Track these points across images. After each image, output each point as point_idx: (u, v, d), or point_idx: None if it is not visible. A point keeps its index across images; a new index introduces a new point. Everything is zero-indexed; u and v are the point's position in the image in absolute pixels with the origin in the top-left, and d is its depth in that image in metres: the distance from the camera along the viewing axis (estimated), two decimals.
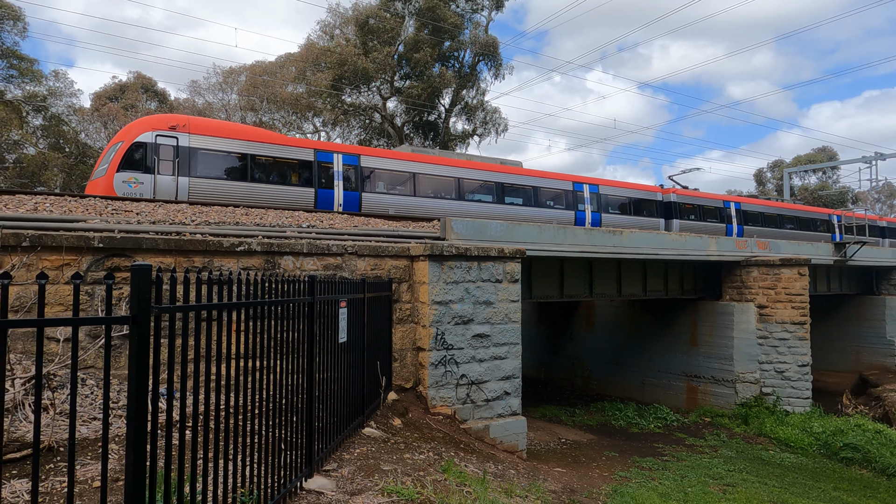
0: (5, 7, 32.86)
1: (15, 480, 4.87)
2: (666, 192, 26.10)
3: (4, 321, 2.62)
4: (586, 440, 15.53)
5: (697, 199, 26.61)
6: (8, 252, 7.30)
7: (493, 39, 37.05)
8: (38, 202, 9.57)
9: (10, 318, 2.63)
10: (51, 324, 2.79)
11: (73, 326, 2.82)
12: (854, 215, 29.62)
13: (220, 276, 3.90)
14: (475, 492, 6.36)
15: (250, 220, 10.92)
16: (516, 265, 11.50)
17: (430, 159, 19.62)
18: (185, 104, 46.58)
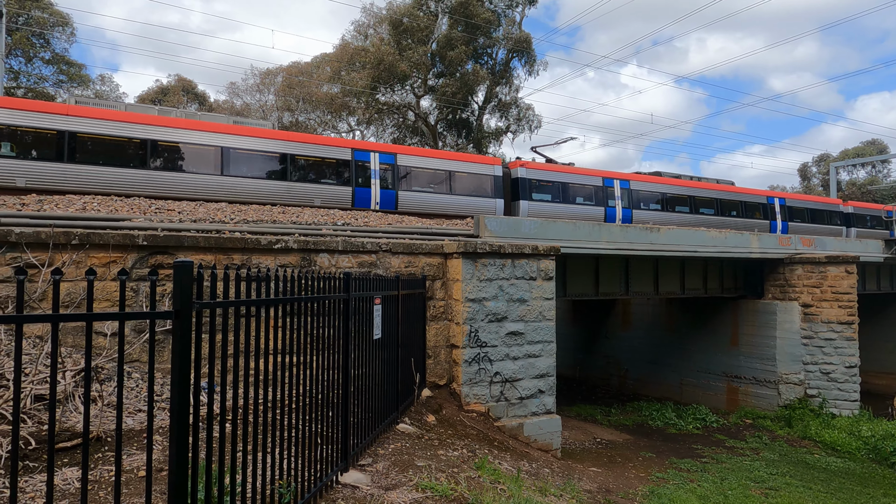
0: (55, 14, 34.18)
1: (66, 468, 5.08)
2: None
3: (56, 315, 2.74)
4: (622, 440, 15.31)
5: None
6: (59, 250, 7.61)
7: (527, 35, 36.77)
8: (86, 202, 9.94)
9: (61, 313, 2.74)
10: (98, 318, 2.89)
11: (120, 321, 2.92)
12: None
13: (259, 273, 3.98)
14: (509, 489, 6.34)
15: (287, 218, 11.11)
16: (551, 262, 11.41)
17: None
18: (223, 105, 47.69)
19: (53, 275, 2.76)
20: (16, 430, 2.68)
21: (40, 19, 34.29)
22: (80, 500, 2.81)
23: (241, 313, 3.78)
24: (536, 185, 20.27)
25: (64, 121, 12.65)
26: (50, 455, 2.69)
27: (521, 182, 19.86)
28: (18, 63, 35.97)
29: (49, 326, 7.25)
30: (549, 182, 20.55)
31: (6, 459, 4.95)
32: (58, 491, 4.74)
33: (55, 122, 12.58)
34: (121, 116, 13.58)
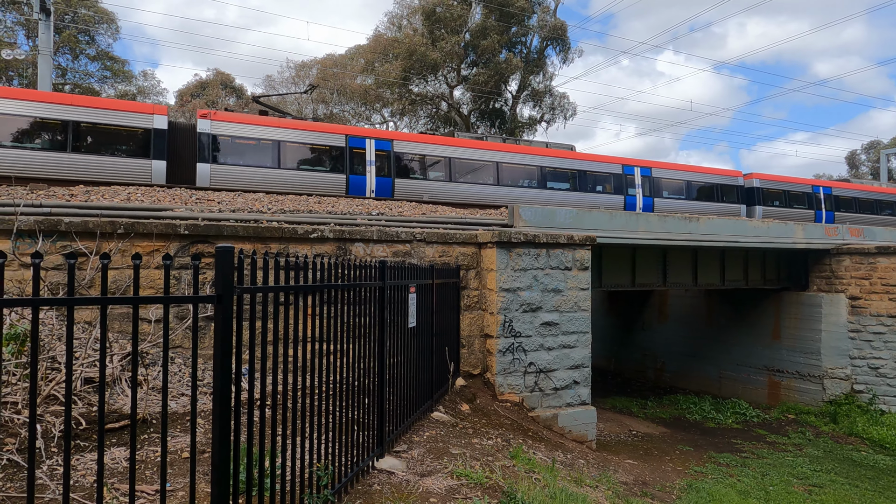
0: (100, 11, 35.18)
1: (114, 448, 5.27)
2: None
3: (105, 298, 2.83)
4: (658, 433, 15.08)
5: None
6: (105, 239, 7.86)
7: (562, 23, 36.20)
8: (130, 192, 10.25)
9: (110, 296, 2.83)
10: (144, 301, 2.97)
11: (165, 304, 3.00)
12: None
13: (297, 260, 4.03)
14: (544, 479, 6.32)
15: (322, 208, 11.24)
16: (586, 252, 11.26)
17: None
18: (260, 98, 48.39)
19: (102, 259, 2.85)
20: (68, 410, 2.78)
21: (86, 17, 35.35)
22: (129, 477, 2.91)
23: (279, 300, 3.83)
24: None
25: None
26: (100, 434, 2.78)
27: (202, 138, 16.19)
28: (66, 60, 37.21)
29: (97, 312, 7.52)
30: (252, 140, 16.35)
31: (59, 438, 5.16)
32: (106, 469, 4.93)
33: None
34: None
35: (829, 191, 26.62)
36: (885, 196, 28.62)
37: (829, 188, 26.81)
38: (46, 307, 6.91)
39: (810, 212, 25.36)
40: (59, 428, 5.25)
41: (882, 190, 29.35)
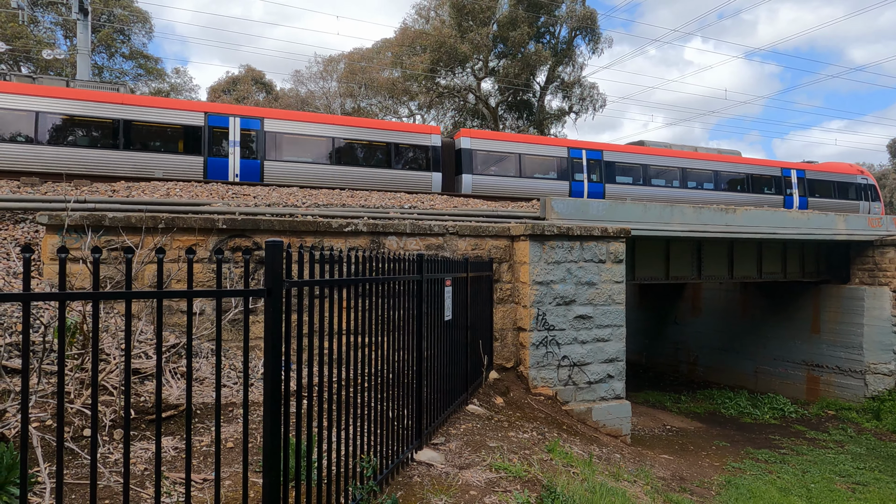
0: (135, 11, 35.92)
1: (163, 437, 5.42)
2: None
3: (160, 291, 2.89)
4: (693, 428, 14.86)
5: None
6: (148, 233, 8.05)
7: (592, 12, 35.63)
8: (169, 187, 10.47)
9: (165, 290, 2.89)
10: (197, 295, 3.03)
11: (217, 297, 3.06)
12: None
13: (341, 254, 4.07)
14: (582, 473, 6.28)
15: (355, 202, 11.31)
16: (621, 245, 11.11)
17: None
18: (289, 94, 48.95)
19: (157, 254, 2.91)
20: (127, 399, 2.86)
21: (122, 16, 36.13)
22: (185, 464, 2.98)
23: (324, 294, 3.87)
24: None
25: None
26: (158, 422, 2.85)
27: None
28: (102, 59, 38.13)
29: (141, 304, 7.72)
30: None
31: (109, 427, 5.32)
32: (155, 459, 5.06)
33: None
34: None
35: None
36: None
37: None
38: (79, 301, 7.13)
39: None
40: (109, 417, 5.40)
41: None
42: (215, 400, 3.08)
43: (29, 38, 32.08)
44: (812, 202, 24.45)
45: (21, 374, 2.65)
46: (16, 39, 30.77)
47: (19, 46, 31.42)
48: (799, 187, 24.36)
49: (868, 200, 26.07)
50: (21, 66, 34.56)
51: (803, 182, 24.53)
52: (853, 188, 25.75)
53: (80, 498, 4.30)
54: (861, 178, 26.24)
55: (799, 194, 24.38)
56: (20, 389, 5.35)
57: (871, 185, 26.40)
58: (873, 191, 26.43)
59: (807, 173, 24.86)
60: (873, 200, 26.33)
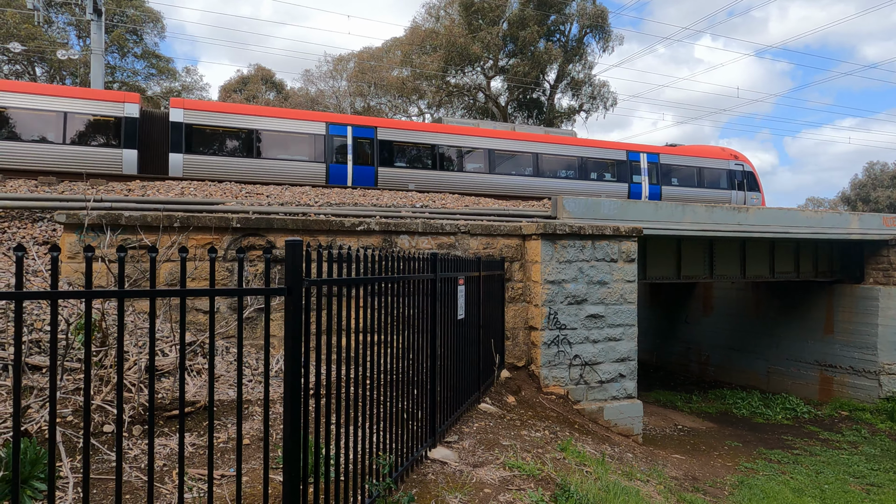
0: (147, 11, 36.18)
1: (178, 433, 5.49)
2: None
3: (184, 290, 2.93)
4: (705, 428, 14.80)
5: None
6: (163, 232, 8.13)
7: (602, 9, 35.49)
8: (183, 186, 10.56)
9: (189, 288, 2.94)
10: (220, 293, 3.07)
11: (239, 296, 3.10)
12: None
13: (358, 253, 4.10)
14: (595, 472, 6.29)
15: (367, 201, 11.36)
16: (632, 244, 11.08)
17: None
18: (299, 93, 49.14)
19: (181, 253, 2.95)
20: (152, 396, 2.91)
21: (134, 17, 36.41)
22: (208, 458, 3.02)
23: (342, 292, 3.91)
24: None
25: None
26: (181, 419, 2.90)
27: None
28: (114, 59, 38.44)
29: (158, 303, 7.80)
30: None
31: (128, 423, 5.39)
32: (174, 455, 5.13)
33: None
34: None
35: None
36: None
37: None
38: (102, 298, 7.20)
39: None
40: (128, 413, 5.48)
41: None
42: (237, 397, 3.12)
43: (43, 38, 32.41)
44: (667, 191, 21.76)
45: (49, 371, 2.71)
46: (30, 40, 31.10)
47: (33, 47, 31.76)
48: (650, 173, 21.50)
49: (743, 190, 23.17)
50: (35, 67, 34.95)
51: (656, 167, 21.67)
52: (724, 176, 22.95)
53: (101, 492, 4.37)
54: (735, 165, 23.30)
55: (650, 182, 21.48)
56: (42, 386, 5.44)
57: (748, 173, 23.51)
58: (751, 179, 23.51)
59: (661, 157, 21.83)
60: (750, 190, 23.35)
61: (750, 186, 23.34)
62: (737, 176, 23.15)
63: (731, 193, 22.87)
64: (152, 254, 2.90)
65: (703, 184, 22.48)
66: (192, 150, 15.12)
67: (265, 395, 3.20)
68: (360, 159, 17.06)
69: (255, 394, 6.90)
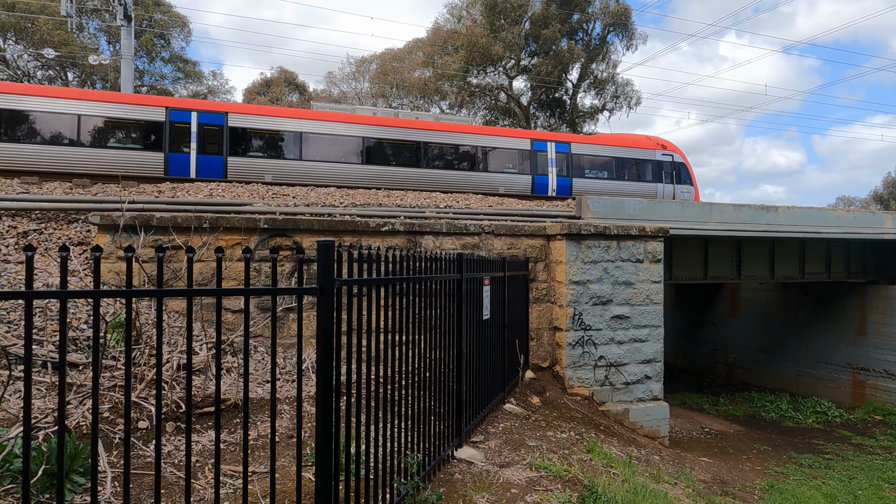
0: (174, 16, 36.86)
1: (210, 431, 5.59)
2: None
3: (219, 290, 2.99)
4: (733, 431, 14.56)
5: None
6: (194, 233, 8.29)
7: (626, 7, 35.14)
8: (212, 188, 10.75)
9: (224, 288, 3.00)
10: (254, 293, 3.13)
11: (273, 295, 3.15)
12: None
13: (387, 253, 4.14)
14: (622, 474, 6.24)
15: (391, 201, 11.42)
16: (658, 244, 10.96)
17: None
18: (322, 94, 49.60)
19: (216, 253, 3.01)
20: (188, 394, 2.97)
21: (161, 21, 37.11)
22: (243, 456, 3.08)
23: (372, 292, 3.95)
24: None
25: None
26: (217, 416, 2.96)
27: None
28: (143, 63, 39.25)
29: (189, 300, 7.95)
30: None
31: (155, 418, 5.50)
32: (204, 451, 5.23)
33: None
34: None
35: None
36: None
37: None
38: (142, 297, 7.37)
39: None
40: (162, 411, 5.59)
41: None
42: (271, 395, 3.17)
43: (75, 44, 33.23)
44: (581, 184, 19.98)
45: (93, 368, 2.79)
46: (62, 46, 31.92)
47: (66, 53, 32.60)
48: (560, 165, 19.63)
49: (672, 183, 21.48)
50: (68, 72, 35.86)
51: (567, 158, 19.86)
52: (650, 167, 21.27)
53: (136, 486, 4.48)
54: (662, 155, 21.52)
55: (559, 174, 19.59)
56: (80, 383, 5.59)
57: (678, 164, 21.73)
58: (682, 171, 21.80)
59: (572, 147, 19.95)
60: (680, 183, 21.66)
61: (681, 178, 21.75)
62: (665, 167, 21.45)
63: (658, 186, 21.26)
64: (189, 254, 2.97)
65: (625, 176, 20.81)
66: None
67: (297, 394, 3.25)
68: (207, 148, 15.32)
69: (283, 392, 7.00)
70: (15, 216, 8.83)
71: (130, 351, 2.94)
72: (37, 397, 5.41)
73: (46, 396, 5.33)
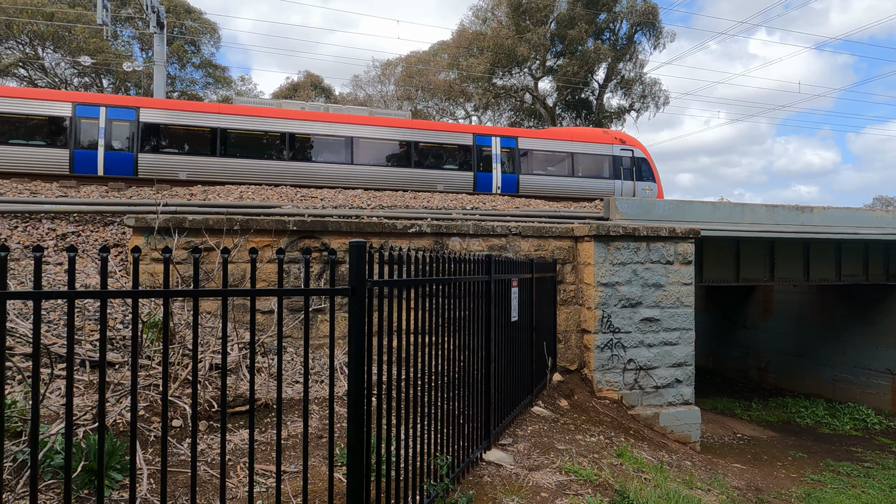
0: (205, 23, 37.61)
1: (242, 430, 5.66)
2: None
3: (253, 290, 3.03)
4: (766, 437, 14.21)
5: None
6: (225, 235, 8.42)
7: (653, 6, 34.67)
8: (242, 191, 10.91)
9: (258, 289, 3.03)
10: (287, 293, 3.16)
11: (305, 296, 3.17)
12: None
13: (417, 255, 4.14)
14: (654, 479, 6.13)
15: (418, 203, 11.44)
16: (689, 246, 10.77)
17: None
18: (347, 98, 50.05)
19: (251, 254, 3.06)
20: (223, 394, 3.01)
21: (192, 28, 37.90)
22: (276, 455, 3.10)
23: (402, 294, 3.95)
24: None
25: None
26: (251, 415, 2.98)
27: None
28: (174, 69, 40.11)
29: (220, 302, 8.07)
30: None
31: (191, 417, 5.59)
32: (236, 450, 5.29)
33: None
34: None
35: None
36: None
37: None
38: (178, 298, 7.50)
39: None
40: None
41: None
42: (303, 396, 3.20)
43: (109, 52, 34.13)
44: (528, 181, 19.03)
45: (131, 367, 2.84)
46: (98, 54, 32.81)
47: (101, 60, 33.50)
48: (505, 160, 18.75)
49: (632, 179, 20.33)
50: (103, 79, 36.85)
51: (512, 153, 18.91)
52: (608, 162, 20.15)
53: (170, 483, 4.55)
54: (621, 150, 20.37)
55: (504, 170, 18.74)
56: (117, 381, 5.71)
57: (639, 160, 20.54)
58: (644, 167, 20.60)
59: (519, 141, 19.07)
60: (641, 179, 20.47)
61: (642, 175, 20.60)
62: (624, 163, 20.31)
63: (616, 183, 20.18)
64: (224, 255, 3.01)
65: (578, 172, 19.71)
66: None
67: (329, 395, 3.26)
68: (116, 145, 14.90)
69: (313, 392, 7.05)
70: (54, 219, 9.09)
71: (168, 351, 2.99)
72: (75, 395, 5.55)
73: (84, 394, 5.46)
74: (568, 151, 19.67)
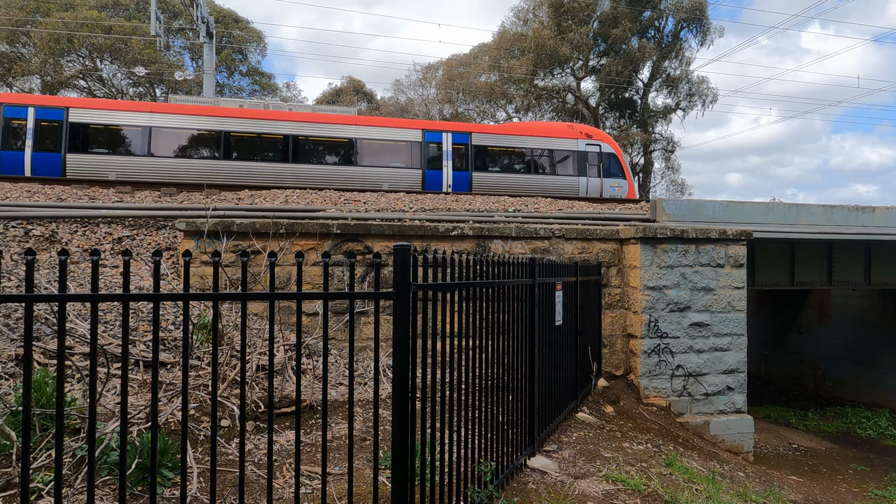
0: (251, 32, 38.66)
1: (288, 431, 5.73)
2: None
3: (300, 293, 3.04)
4: (824, 448, 13.56)
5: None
6: (271, 238, 8.58)
7: (700, 2, 33.75)
8: (287, 195, 11.12)
9: (304, 291, 3.05)
10: (332, 297, 3.17)
11: (350, 299, 3.17)
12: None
13: (462, 258, 4.10)
14: (706, 491, 5.91)
15: (460, 206, 11.42)
16: (741, 248, 10.38)
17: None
18: (389, 102, 50.54)
19: (297, 258, 3.08)
20: (271, 395, 3.04)
21: (239, 37, 39.01)
22: (321, 457, 3.11)
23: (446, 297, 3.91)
24: None
25: None
26: (297, 415, 3.00)
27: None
28: (223, 77, 41.37)
29: (265, 305, 8.24)
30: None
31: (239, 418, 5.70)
32: (282, 451, 5.36)
33: None
34: None
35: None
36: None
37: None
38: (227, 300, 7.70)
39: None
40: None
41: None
42: (348, 397, 3.20)
43: (162, 62, 35.46)
44: (482, 179, 18.09)
45: (182, 368, 2.89)
46: (151, 64, 34.14)
47: (154, 70, 34.85)
48: (457, 157, 17.86)
49: (599, 176, 19.20)
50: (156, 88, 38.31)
51: (466, 150, 17.97)
52: (572, 159, 19.10)
53: (220, 483, 4.64)
54: (587, 145, 19.27)
55: (456, 167, 17.80)
56: (169, 381, 5.87)
57: (607, 155, 19.39)
58: (613, 163, 19.47)
59: (473, 137, 18.16)
60: (609, 176, 19.32)
61: (610, 171, 19.45)
62: (590, 159, 19.22)
63: (581, 180, 19.08)
64: (271, 258, 3.04)
65: (539, 169, 18.86)
66: None
67: (374, 397, 3.26)
68: (45, 145, 14.59)
69: (356, 395, 7.10)
70: (111, 223, 9.47)
71: (217, 352, 3.04)
72: (129, 394, 5.73)
73: (138, 393, 5.63)
74: (527, 147, 18.84)
